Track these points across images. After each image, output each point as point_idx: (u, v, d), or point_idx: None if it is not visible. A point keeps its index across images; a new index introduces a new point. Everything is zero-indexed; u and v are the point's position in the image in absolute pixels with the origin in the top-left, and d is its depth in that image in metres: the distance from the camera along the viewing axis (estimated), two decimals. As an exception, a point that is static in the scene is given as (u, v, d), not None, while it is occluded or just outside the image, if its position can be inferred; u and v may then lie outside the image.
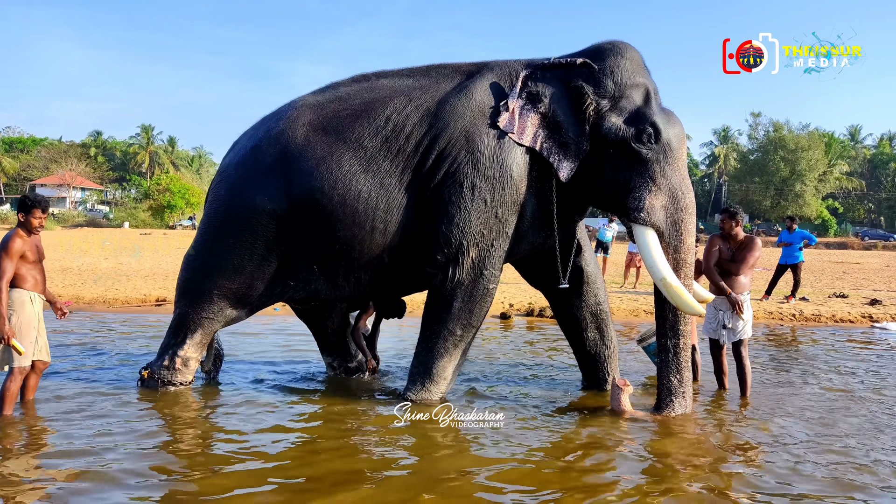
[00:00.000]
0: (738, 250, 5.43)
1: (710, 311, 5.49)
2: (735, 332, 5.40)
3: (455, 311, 4.81)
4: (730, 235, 5.48)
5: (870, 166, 59.18)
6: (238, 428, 4.39)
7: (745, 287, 5.43)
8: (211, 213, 5.12)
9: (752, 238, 5.48)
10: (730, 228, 5.46)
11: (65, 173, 55.00)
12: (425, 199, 4.76)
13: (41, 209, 4.56)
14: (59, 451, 3.88)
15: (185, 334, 5.07)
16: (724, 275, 5.41)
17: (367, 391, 5.46)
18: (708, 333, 5.63)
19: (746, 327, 5.42)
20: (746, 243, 5.43)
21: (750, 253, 5.37)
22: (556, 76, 4.75)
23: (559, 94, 4.75)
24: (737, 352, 5.46)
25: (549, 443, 4.24)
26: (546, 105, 4.73)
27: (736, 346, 5.45)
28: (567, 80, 4.75)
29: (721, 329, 5.46)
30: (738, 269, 5.37)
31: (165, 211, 46.07)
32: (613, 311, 10.03)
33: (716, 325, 5.50)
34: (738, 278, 5.38)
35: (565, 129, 4.73)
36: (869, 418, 4.87)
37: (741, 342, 5.42)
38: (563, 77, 4.75)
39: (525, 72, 4.75)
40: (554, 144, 4.72)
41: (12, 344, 4.38)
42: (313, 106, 5.01)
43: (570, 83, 4.74)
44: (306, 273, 4.94)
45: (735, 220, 5.45)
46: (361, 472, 3.68)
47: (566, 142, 4.73)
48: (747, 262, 5.37)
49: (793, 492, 3.51)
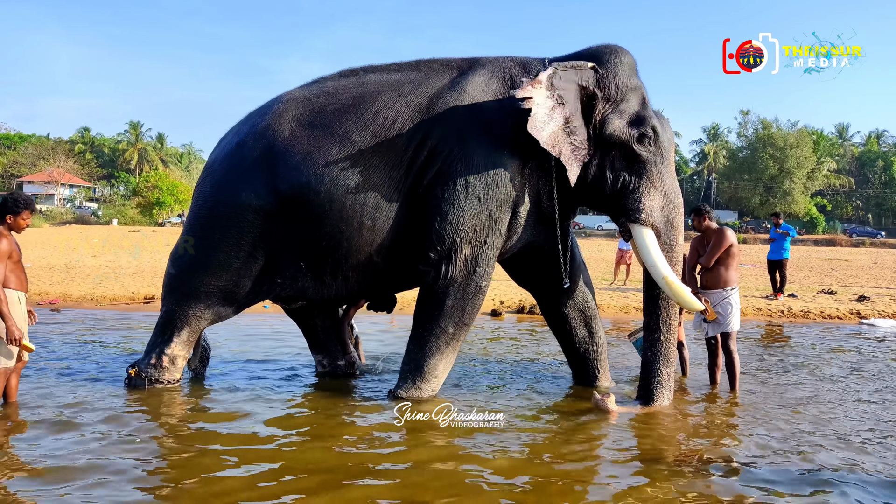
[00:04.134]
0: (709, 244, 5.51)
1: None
2: (720, 323, 5.43)
3: (447, 309, 4.78)
4: (704, 232, 5.56)
5: (858, 164, 59.61)
6: (226, 428, 4.35)
7: (729, 281, 5.45)
8: (197, 209, 5.07)
9: (719, 229, 5.54)
10: (699, 225, 5.58)
11: (53, 170, 54.52)
12: (416, 195, 4.74)
13: (31, 210, 4.54)
14: (45, 451, 3.82)
15: (172, 332, 5.02)
16: (703, 271, 5.51)
17: (358, 390, 5.43)
18: (695, 327, 5.75)
19: (733, 320, 5.44)
20: (712, 235, 5.51)
21: (715, 244, 5.43)
22: (571, 78, 4.71)
23: (575, 97, 4.73)
24: (724, 345, 5.51)
25: (540, 440, 4.22)
26: (569, 108, 4.68)
27: (724, 339, 5.50)
28: (579, 82, 4.73)
29: (703, 323, 5.52)
30: (707, 262, 5.45)
31: (154, 208, 45.85)
32: (604, 307, 10.07)
33: (699, 320, 5.57)
34: (716, 271, 5.43)
35: (578, 134, 4.73)
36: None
37: (729, 335, 5.46)
38: (575, 80, 4.73)
39: (550, 69, 4.61)
40: (568, 148, 4.70)
41: (24, 344, 4.35)
42: (299, 101, 4.97)
43: (583, 86, 4.73)
44: (293, 270, 4.90)
45: (701, 217, 5.57)
46: (355, 473, 3.65)
47: (577, 146, 4.74)
48: (712, 253, 5.43)
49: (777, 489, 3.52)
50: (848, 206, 59.01)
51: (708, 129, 62.89)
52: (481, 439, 4.16)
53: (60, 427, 4.22)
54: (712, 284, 5.47)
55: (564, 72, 4.66)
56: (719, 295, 5.44)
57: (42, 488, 3.33)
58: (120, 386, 5.16)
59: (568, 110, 4.65)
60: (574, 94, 4.70)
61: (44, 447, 3.88)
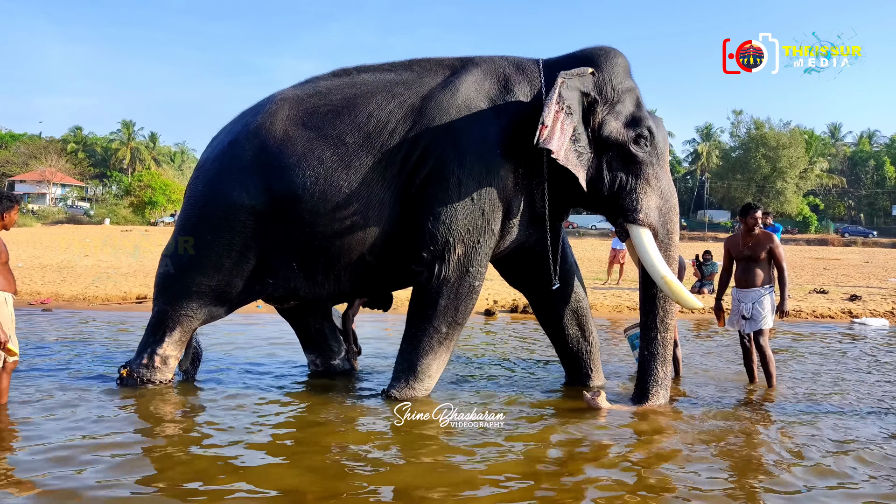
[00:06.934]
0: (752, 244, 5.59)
1: (733, 304, 5.69)
2: (755, 321, 5.50)
3: (441, 309, 4.78)
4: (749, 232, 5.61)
5: (850, 164, 59.94)
6: (218, 428, 4.33)
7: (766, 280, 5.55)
8: (188, 209, 5.05)
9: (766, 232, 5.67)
10: (755, 223, 5.60)
11: (45, 169, 54.23)
12: (409, 195, 4.73)
13: (19, 204, 4.53)
14: (35, 451, 3.80)
15: (164, 332, 5.00)
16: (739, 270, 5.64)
17: (353, 389, 5.42)
18: (730, 325, 5.82)
19: (767, 318, 5.50)
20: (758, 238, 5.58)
21: (776, 245, 5.55)
22: (575, 85, 4.70)
23: (578, 103, 4.73)
24: (757, 342, 5.58)
25: (539, 440, 4.21)
26: (575, 117, 4.68)
27: (756, 336, 5.56)
28: (582, 88, 4.72)
29: (741, 320, 5.58)
30: (781, 263, 5.55)
31: (147, 207, 45.66)
32: (597, 307, 10.09)
33: (737, 317, 5.63)
34: (752, 270, 5.55)
35: (580, 139, 4.73)
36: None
37: (761, 332, 5.51)
38: (578, 87, 4.72)
39: (560, 80, 4.56)
40: (574, 155, 4.70)
41: (8, 348, 4.32)
42: (292, 100, 4.96)
43: (585, 93, 4.73)
44: (285, 270, 4.89)
45: (763, 216, 5.76)
46: (351, 473, 3.64)
47: (581, 151, 4.75)
48: (778, 254, 5.54)
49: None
50: (840, 206, 59.29)
51: (701, 129, 63.14)
52: (481, 439, 4.15)
53: (50, 428, 4.19)
54: (749, 283, 5.53)
55: (570, 80, 4.65)
56: (756, 293, 5.51)
57: (29, 488, 3.30)
58: (112, 386, 5.14)
59: (575, 119, 4.67)
60: (578, 102, 4.71)
61: (34, 447, 3.85)
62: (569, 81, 4.63)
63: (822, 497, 3.42)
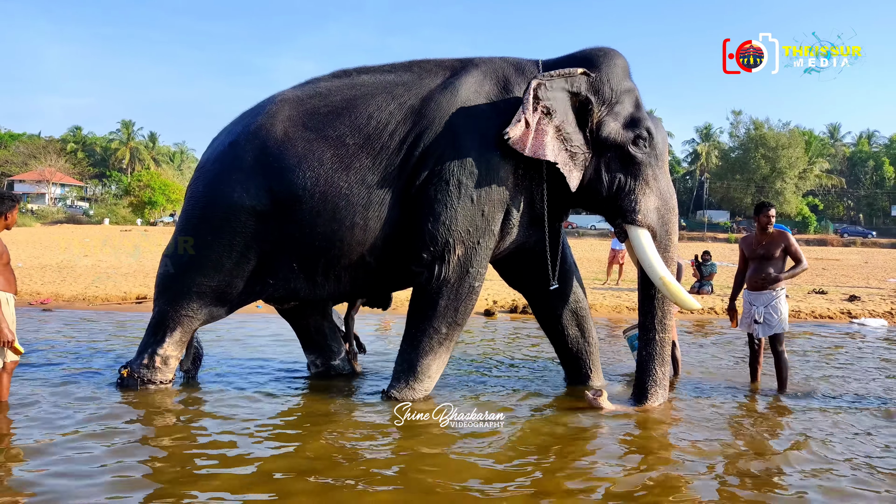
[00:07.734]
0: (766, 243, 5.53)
1: (745, 306, 5.65)
2: (770, 326, 5.46)
3: (441, 309, 4.79)
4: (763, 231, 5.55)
5: (849, 164, 59.96)
6: (218, 428, 4.34)
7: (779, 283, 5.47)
8: (189, 209, 5.06)
9: (782, 231, 5.59)
10: (768, 222, 5.52)
11: (44, 169, 54.22)
12: (409, 196, 4.74)
13: (19, 203, 4.55)
14: (35, 451, 3.81)
15: (165, 332, 5.01)
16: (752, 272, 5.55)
17: (352, 390, 5.43)
18: (742, 328, 5.75)
19: (782, 322, 5.46)
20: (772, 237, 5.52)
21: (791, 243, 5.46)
22: (560, 86, 4.72)
23: (565, 104, 4.75)
24: (773, 346, 5.53)
25: (539, 440, 4.22)
26: (559, 117, 4.69)
27: (772, 340, 5.52)
28: (570, 89, 4.75)
29: (753, 324, 5.53)
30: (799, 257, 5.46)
31: (146, 207, 45.66)
32: (596, 307, 10.10)
33: (749, 320, 5.58)
34: (766, 273, 5.46)
35: (573, 140, 4.74)
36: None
37: (777, 337, 5.48)
38: (566, 87, 4.74)
39: (535, 82, 4.61)
40: (566, 155, 4.72)
41: (15, 346, 4.33)
42: (292, 101, 4.96)
43: (575, 93, 4.75)
44: (286, 271, 4.90)
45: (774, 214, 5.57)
46: (351, 473, 3.65)
47: (574, 152, 4.75)
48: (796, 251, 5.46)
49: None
50: (839, 206, 59.35)
51: (700, 130, 63.22)
52: (480, 440, 4.16)
53: (51, 427, 4.19)
54: (762, 286, 5.47)
55: (551, 80, 4.67)
56: (769, 296, 5.46)
57: (31, 488, 3.31)
58: (112, 386, 5.15)
59: (558, 119, 4.67)
60: (564, 102, 4.72)
61: (34, 447, 3.86)
62: (548, 83, 4.66)
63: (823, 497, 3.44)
